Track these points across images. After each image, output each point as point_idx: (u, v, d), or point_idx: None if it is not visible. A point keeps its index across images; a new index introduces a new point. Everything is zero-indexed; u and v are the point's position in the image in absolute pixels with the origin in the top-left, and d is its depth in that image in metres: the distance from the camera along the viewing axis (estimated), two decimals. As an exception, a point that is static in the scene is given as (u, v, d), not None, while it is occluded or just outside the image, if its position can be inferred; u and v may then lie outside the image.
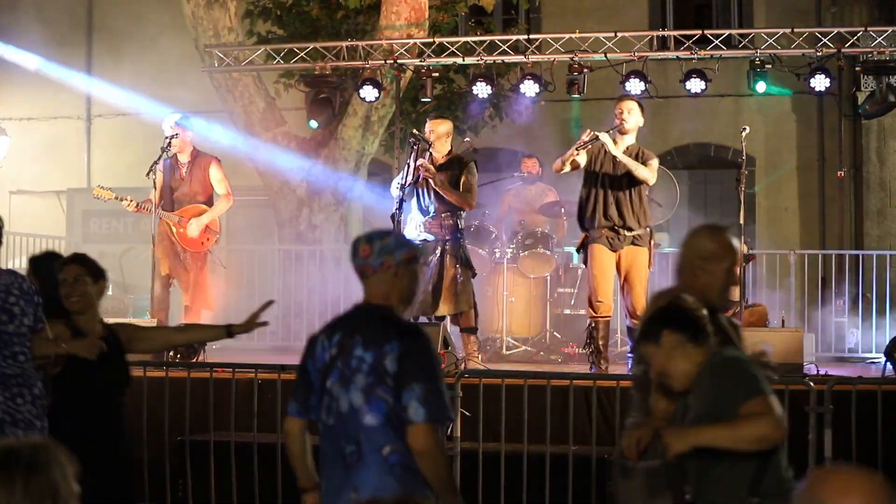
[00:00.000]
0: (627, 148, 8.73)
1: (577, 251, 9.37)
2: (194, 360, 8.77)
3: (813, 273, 12.25)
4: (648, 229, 8.78)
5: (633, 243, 8.67)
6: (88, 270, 5.37)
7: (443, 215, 9.11)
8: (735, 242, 4.32)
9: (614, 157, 8.63)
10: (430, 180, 8.95)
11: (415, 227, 9.22)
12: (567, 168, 8.77)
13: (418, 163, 8.94)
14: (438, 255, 9.08)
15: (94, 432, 5.10)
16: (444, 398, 3.79)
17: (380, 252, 3.93)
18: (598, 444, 7.14)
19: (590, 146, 8.66)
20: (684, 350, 3.80)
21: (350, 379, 3.81)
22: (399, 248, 3.95)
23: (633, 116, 8.76)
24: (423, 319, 9.05)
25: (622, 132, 8.73)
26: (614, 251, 8.67)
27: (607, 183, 8.70)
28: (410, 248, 4.04)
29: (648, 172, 8.62)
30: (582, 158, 8.73)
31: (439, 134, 9.15)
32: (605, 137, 8.62)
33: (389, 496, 3.47)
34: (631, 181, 8.67)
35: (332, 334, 3.93)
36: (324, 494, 3.93)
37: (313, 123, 11.81)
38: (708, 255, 4.21)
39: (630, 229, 8.66)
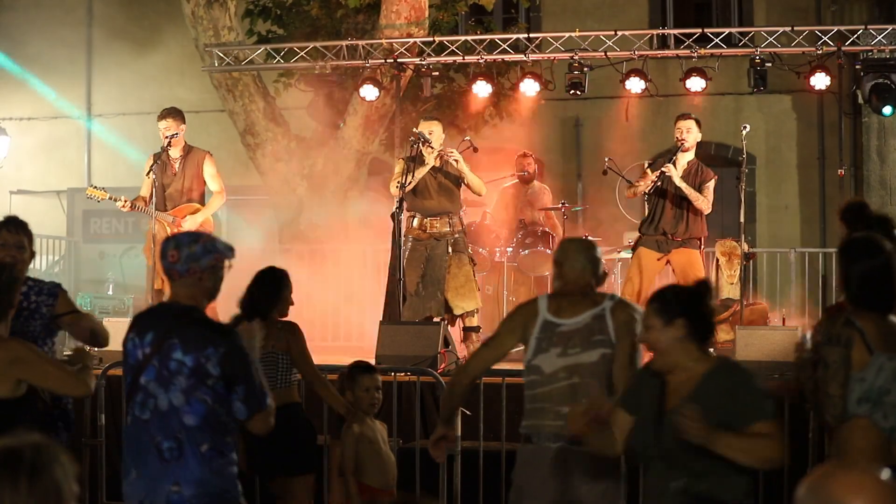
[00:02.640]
0: (688, 164, 9.22)
1: (631, 252, 9.75)
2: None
3: (813, 271, 12.26)
4: (698, 241, 9.25)
5: (682, 246, 9.15)
6: None
7: (449, 213, 9.22)
8: None
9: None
10: (460, 165, 9.10)
11: (420, 227, 9.26)
12: (640, 194, 9.36)
13: (442, 151, 9.11)
14: (448, 253, 9.18)
15: None
16: (262, 389, 4.16)
17: (186, 259, 4.17)
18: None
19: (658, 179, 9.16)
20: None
21: (169, 380, 4.09)
22: (205, 256, 4.19)
23: (692, 134, 9.23)
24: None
25: (684, 150, 9.18)
26: (662, 253, 9.16)
27: (669, 199, 9.20)
28: (217, 254, 4.23)
29: (705, 204, 9.13)
30: (651, 174, 9.25)
31: (437, 133, 9.26)
32: (672, 172, 9.08)
33: (212, 489, 4.03)
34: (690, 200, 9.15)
35: (143, 333, 4.18)
36: (132, 484, 4.15)
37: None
38: None
39: (679, 237, 9.16)
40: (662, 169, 9.10)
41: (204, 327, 4.16)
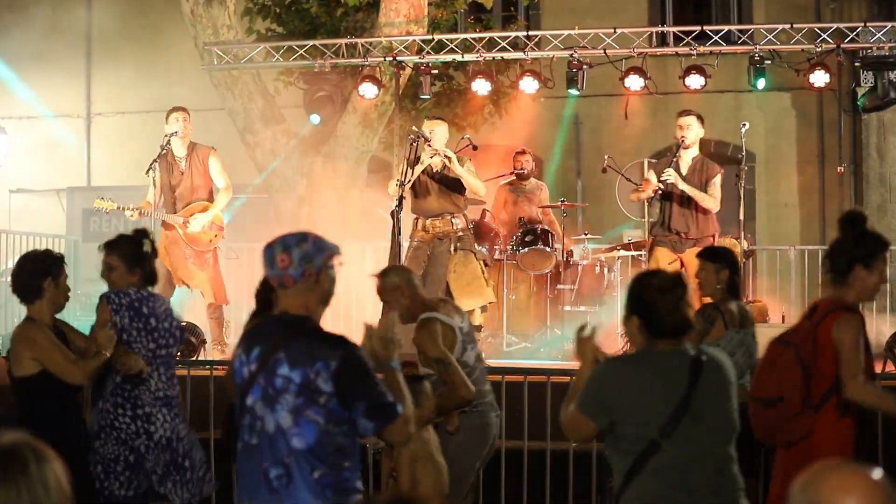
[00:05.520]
0: (692, 161, 9.18)
1: (646, 252, 9.89)
2: (194, 358, 8.76)
3: (813, 269, 12.23)
4: (712, 238, 9.17)
5: (696, 245, 8.98)
6: None
7: (451, 213, 9.21)
8: None
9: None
10: (453, 164, 9.02)
11: (423, 229, 9.25)
12: (645, 198, 9.35)
13: (435, 150, 9.00)
14: (452, 252, 9.17)
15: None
16: (387, 399, 3.67)
17: (300, 261, 3.73)
18: (599, 440, 7.10)
19: (661, 186, 9.08)
20: None
21: (276, 399, 3.64)
22: (318, 254, 3.76)
23: (692, 131, 9.15)
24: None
25: (685, 147, 9.11)
26: (677, 253, 9.12)
27: (676, 199, 9.16)
28: (328, 249, 3.81)
29: (712, 202, 9.10)
30: (653, 177, 9.20)
31: (439, 134, 9.22)
32: (673, 176, 9.01)
33: None
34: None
35: (250, 349, 3.77)
36: None
37: (315, 118, 11.79)
38: None
39: (692, 237, 9.12)
40: (663, 176, 9.03)
41: (314, 338, 3.68)
